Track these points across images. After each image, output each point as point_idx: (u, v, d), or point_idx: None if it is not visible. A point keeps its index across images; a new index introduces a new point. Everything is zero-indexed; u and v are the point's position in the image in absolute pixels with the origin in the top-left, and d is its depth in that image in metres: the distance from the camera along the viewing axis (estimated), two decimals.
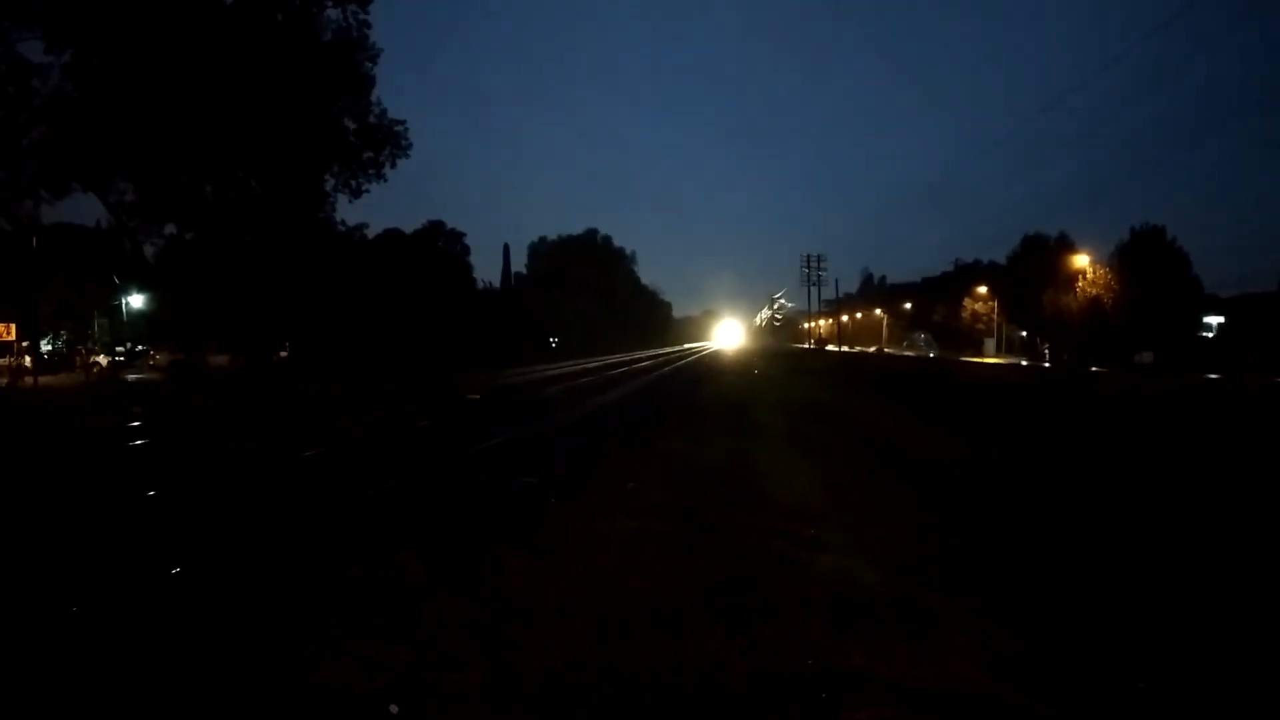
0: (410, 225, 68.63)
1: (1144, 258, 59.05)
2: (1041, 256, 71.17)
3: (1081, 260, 63.94)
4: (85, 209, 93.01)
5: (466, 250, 72.48)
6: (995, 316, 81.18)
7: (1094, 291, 61.17)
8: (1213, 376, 37.15)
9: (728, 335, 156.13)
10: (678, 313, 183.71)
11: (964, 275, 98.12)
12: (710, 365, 61.50)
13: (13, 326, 37.95)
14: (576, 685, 4.71)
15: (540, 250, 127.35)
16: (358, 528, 8.98)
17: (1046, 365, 58.03)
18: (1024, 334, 79.92)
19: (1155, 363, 54.54)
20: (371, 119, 42.56)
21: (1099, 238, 74.60)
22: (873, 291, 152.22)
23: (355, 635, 5.37)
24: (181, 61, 35.62)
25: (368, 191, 43.63)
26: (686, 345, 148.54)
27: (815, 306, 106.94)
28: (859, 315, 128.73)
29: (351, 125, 42.68)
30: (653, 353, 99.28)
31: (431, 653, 5.12)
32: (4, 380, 34.66)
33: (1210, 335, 58.74)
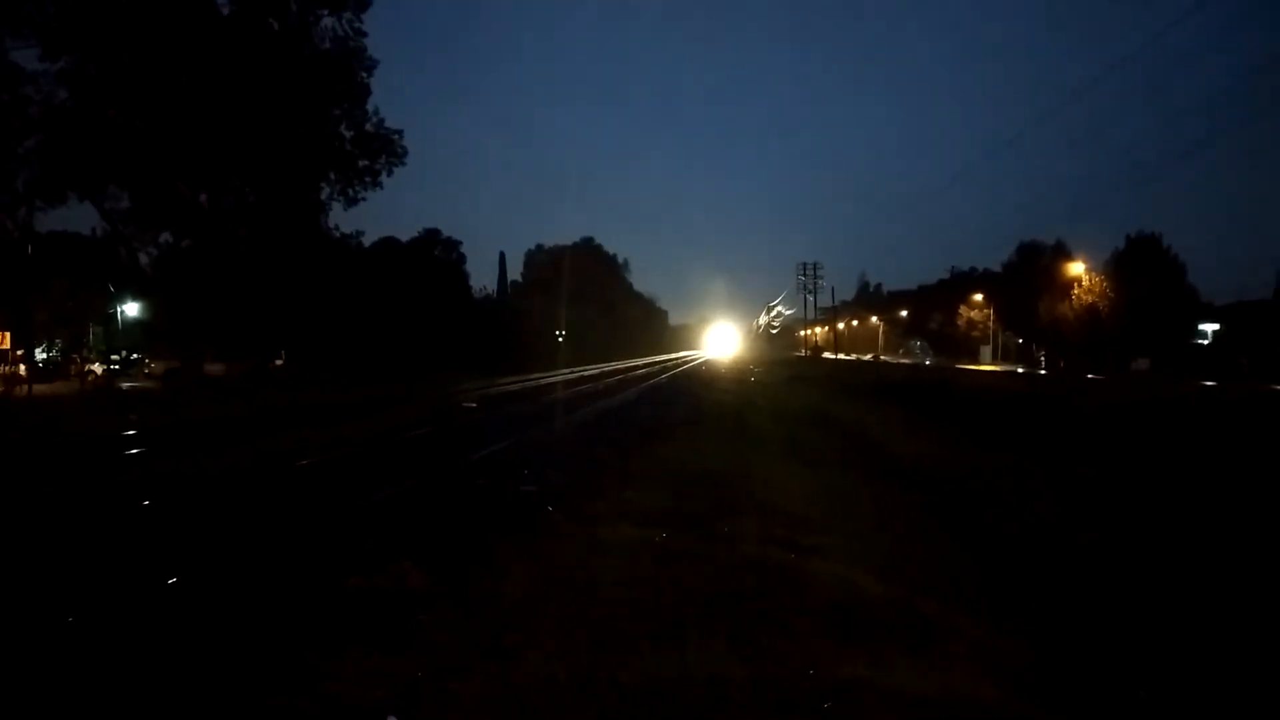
0: (407, 234, 68.69)
1: (1139, 265, 59.26)
2: (1037, 264, 71.39)
3: (1077, 268, 64.05)
4: (81, 217, 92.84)
5: (463, 259, 72.68)
6: (991, 324, 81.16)
7: (1090, 299, 61.27)
8: (1208, 383, 37.26)
9: (724, 342, 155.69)
10: (674, 320, 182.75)
11: (960, 283, 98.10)
12: (707, 372, 61.50)
13: (8, 335, 37.80)
14: (577, 695, 4.69)
15: (536, 258, 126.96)
16: (357, 536, 8.93)
17: (1043, 372, 58.03)
18: (1020, 341, 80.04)
19: (1151, 370, 54.75)
20: (368, 127, 42.57)
21: (1095, 245, 74.30)
22: (869, 299, 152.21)
23: (355, 644, 5.33)
24: (178, 70, 35.63)
25: (364, 200, 43.59)
26: (683, 353, 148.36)
27: (812, 314, 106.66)
28: (855, 322, 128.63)
29: (348, 134, 42.68)
30: (648, 360, 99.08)
31: (432, 662, 5.09)
32: None
33: (1206, 342, 58.82)
